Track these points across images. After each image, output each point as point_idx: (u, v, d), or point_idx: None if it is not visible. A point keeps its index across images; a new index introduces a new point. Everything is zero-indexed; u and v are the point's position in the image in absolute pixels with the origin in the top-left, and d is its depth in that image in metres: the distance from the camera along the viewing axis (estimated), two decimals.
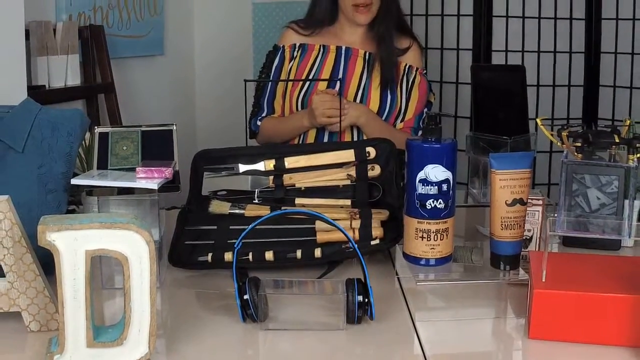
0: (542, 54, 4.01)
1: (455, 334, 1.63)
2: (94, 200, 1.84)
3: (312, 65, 2.88)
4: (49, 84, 3.16)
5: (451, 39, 4.06)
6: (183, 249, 1.95)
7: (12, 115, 1.87)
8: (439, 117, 1.87)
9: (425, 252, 1.87)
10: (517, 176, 1.85)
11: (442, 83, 4.10)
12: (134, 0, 3.84)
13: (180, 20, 4.38)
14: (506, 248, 1.86)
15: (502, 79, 2.52)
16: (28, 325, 1.56)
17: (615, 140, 1.68)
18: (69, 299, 1.38)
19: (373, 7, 2.80)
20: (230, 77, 4.17)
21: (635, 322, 1.45)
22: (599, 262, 1.68)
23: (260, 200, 2.06)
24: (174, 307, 1.73)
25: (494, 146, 2.25)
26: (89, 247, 1.38)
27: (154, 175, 1.81)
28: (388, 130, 2.73)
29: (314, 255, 1.89)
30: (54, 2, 3.28)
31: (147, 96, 4.04)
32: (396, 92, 2.84)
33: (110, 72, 3.50)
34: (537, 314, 1.52)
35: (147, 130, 2.05)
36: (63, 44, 3.21)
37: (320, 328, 1.59)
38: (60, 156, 1.88)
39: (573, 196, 1.67)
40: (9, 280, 1.55)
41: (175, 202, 2.15)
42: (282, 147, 2.40)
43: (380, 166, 2.09)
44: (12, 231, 1.52)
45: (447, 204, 1.85)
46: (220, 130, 4.27)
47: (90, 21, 3.49)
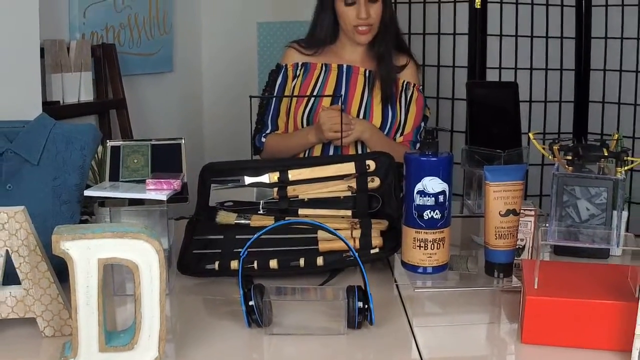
0: (534, 71, 4.01)
1: (452, 338, 1.63)
2: (106, 210, 1.84)
3: (316, 83, 2.88)
4: (63, 99, 3.16)
5: (447, 56, 4.06)
6: (191, 257, 1.95)
7: (27, 129, 1.88)
8: (436, 132, 1.87)
9: (423, 261, 1.87)
10: (510, 188, 1.86)
11: (438, 99, 4.09)
12: (144, 19, 3.85)
13: (188, 38, 4.39)
14: (500, 257, 1.87)
15: (496, 95, 2.53)
16: (43, 330, 1.56)
17: (604, 153, 1.68)
18: (82, 305, 1.39)
19: (373, 27, 2.80)
20: (236, 93, 4.18)
21: (623, 327, 1.45)
22: (589, 270, 1.67)
23: (265, 211, 2.06)
24: (183, 313, 1.73)
25: (488, 159, 2.25)
26: (101, 256, 1.38)
27: (163, 187, 1.81)
28: (390, 144, 2.74)
29: (317, 264, 1.89)
30: (68, 22, 3.29)
31: (156, 111, 4.05)
32: (396, 108, 2.85)
33: (121, 88, 3.50)
34: (530, 319, 1.52)
35: (156, 144, 2.06)
36: (76, 61, 3.22)
37: (322, 333, 1.59)
38: (73, 169, 1.88)
39: (564, 207, 1.67)
40: (24, 288, 1.55)
41: (183, 212, 2.15)
42: (286, 160, 2.40)
43: (379, 178, 2.09)
44: (28, 240, 1.53)
45: (444, 215, 1.85)
46: (226, 144, 4.29)
47: (103, 40, 3.50)
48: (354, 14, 2.77)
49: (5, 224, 1.51)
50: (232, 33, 4.50)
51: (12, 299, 1.55)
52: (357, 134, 2.70)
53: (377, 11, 2.78)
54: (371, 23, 2.78)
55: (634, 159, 1.69)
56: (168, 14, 4.06)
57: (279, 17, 4.42)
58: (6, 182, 1.82)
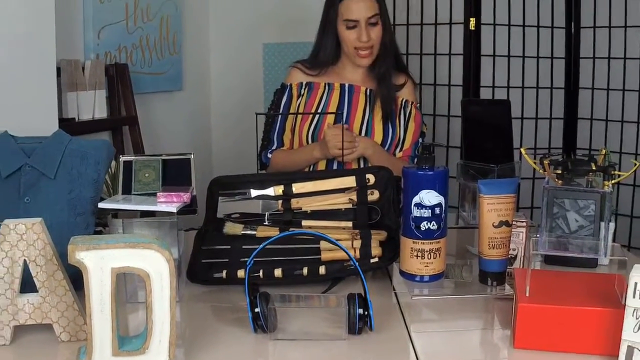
0: (525, 89, 4.02)
1: (447, 343, 1.63)
2: (119, 222, 1.85)
3: (319, 101, 2.88)
4: (78, 116, 3.16)
5: (443, 76, 4.07)
6: (200, 266, 1.95)
7: (44, 145, 1.88)
8: (432, 147, 1.87)
9: (420, 270, 1.87)
10: (503, 200, 1.86)
11: (435, 116, 4.10)
12: (155, 40, 3.85)
13: (197, 59, 4.39)
14: (493, 266, 1.87)
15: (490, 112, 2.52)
16: (59, 336, 1.56)
17: (592, 168, 1.68)
18: (96, 312, 1.39)
19: (374, 50, 2.81)
20: (243, 111, 4.18)
21: (610, 332, 1.45)
22: (578, 278, 1.68)
23: (270, 222, 2.06)
24: (192, 319, 1.73)
25: (482, 173, 2.25)
26: (114, 265, 1.38)
27: (173, 199, 1.81)
28: (391, 160, 2.75)
29: (319, 272, 1.89)
30: (82, 42, 3.29)
31: (167, 128, 4.05)
32: (395, 125, 2.85)
33: (134, 106, 3.50)
34: (522, 325, 1.52)
35: (167, 158, 2.06)
36: (91, 80, 3.22)
37: (324, 338, 1.59)
38: (88, 182, 1.88)
39: (554, 218, 1.67)
40: (41, 295, 1.55)
41: (192, 223, 2.15)
42: (290, 174, 2.40)
43: (379, 191, 2.09)
44: (45, 250, 1.53)
45: (440, 226, 1.85)
46: (233, 158, 4.29)
47: (116, 60, 3.50)
48: (355, 37, 2.78)
49: (23, 234, 1.52)
50: (239, 53, 4.51)
51: (30, 306, 1.55)
52: (361, 150, 2.71)
53: (377, 34, 2.79)
54: (371, 45, 2.79)
55: (621, 173, 1.69)
56: (178, 35, 4.07)
57: (283, 38, 4.43)
58: (24, 195, 1.82)
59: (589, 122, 3.98)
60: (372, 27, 2.78)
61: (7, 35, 2.09)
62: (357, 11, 2.77)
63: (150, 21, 3.78)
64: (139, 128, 3.54)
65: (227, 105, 4.57)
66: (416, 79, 3.11)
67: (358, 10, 2.77)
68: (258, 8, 4.43)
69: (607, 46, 3.87)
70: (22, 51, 2.14)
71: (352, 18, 2.77)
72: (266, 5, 4.40)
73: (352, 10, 2.77)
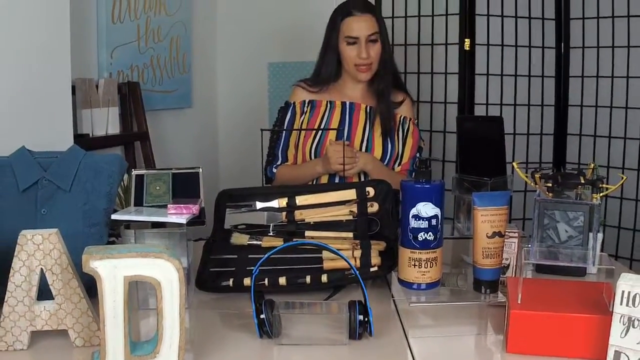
0: (518, 106, 4.02)
1: (443, 348, 1.63)
2: (131, 232, 1.84)
3: (322, 119, 2.88)
4: (92, 132, 3.17)
5: (439, 94, 4.07)
6: (208, 275, 1.95)
7: (60, 159, 1.89)
8: (429, 161, 1.87)
9: (417, 278, 1.87)
10: (496, 212, 1.86)
11: (431, 132, 4.10)
12: (165, 60, 3.86)
13: (205, 77, 4.40)
14: (487, 274, 1.87)
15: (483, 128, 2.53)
16: (74, 341, 1.57)
17: (581, 181, 1.69)
18: (110, 318, 1.39)
19: (373, 66, 2.82)
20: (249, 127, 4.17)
21: (599, 338, 1.45)
22: (567, 286, 1.68)
23: (274, 232, 2.06)
24: (201, 325, 1.73)
25: (476, 186, 2.25)
26: (126, 273, 1.38)
27: (182, 211, 1.82)
28: (390, 174, 2.75)
29: (321, 281, 1.89)
30: (96, 62, 3.30)
31: (176, 143, 4.06)
32: (394, 140, 2.86)
33: (145, 122, 3.51)
34: (514, 331, 1.52)
35: (176, 172, 2.06)
36: (104, 98, 3.23)
37: (326, 343, 1.59)
38: (102, 195, 1.88)
39: (545, 229, 1.67)
40: (57, 302, 1.55)
41: (201, 234, 2.15)
42: (294, 187, 2.40)
43: (378, 204, 2.09)
44: (61, 259, 1.53)
45: (436, 236, 1.85)
46: (240, 172, 4.28)
47: (128, 78, 3.51)
48: (355, 54, 2.79)
49: (40, 244, 1.52)
50: (245, 72, 4.52)
51: (46, 313, 1.55)
52: (361, 165, 2.72)
53: (376, 51, 2.80)
54: (370, 62, 2.80)
55: (608, 187, 1.69)
56: (187, 55, 4.08)
57: (287, 58, 4.44)
58: (41, 207, 1.83)
59: (578, 138, 3.98)
60: (372, 44, 2.79)
61: (25, 56, 2.09)
62: (357, 29, 2.79)
63: (160, 42, 3.79)
64: (150, 143, 3.55)
65: (233, 121, 4.57)
66: (414, 97, 3.11)
67: (359, 28, 2.78)
68: (263, 29, 4.44)
69: (595, 66, 3.87)
70: (40, 71, 2.15)
71: (353, 35, 2.78)
72: (271, 26, 4.41)
73: (353, 28, 2.79)
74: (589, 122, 3.94)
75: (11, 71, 2.05)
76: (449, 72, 4.03)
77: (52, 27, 2.21)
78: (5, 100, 2.03)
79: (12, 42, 2.05)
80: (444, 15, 4.01)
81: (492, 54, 3.97)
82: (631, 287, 1.37)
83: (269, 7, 4.39)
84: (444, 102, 4.06)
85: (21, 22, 2.07)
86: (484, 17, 3.93)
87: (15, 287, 1.53)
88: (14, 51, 2.06)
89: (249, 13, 4.47)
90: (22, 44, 2.08)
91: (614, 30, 3.78)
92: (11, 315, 1.54)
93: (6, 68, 2.03)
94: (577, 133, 3.99)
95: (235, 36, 4.52)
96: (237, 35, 4.52)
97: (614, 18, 3.76)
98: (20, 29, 2.07)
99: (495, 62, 3.98)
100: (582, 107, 3.95)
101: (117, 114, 3.35)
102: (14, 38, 2.05)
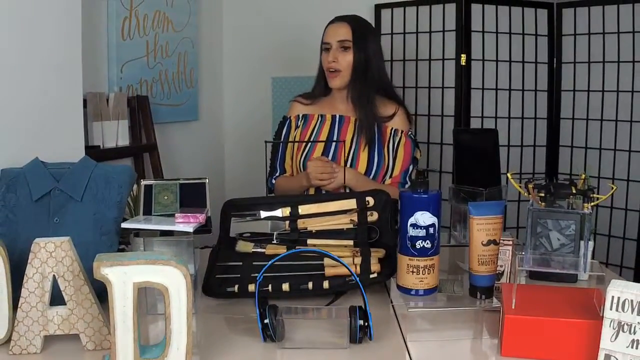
0: (512, 119, 4.03)
1: (440, 352, 1.63)
2: (140, 240, 1.85)
3: (312, 131, 2.87)
4: (103, 144, 3.17)
5: (437, 107, 4.08)
6: (214, 281, 1.96)
7: (72, 170, 1.89)
8: (427, 172, 1.88)
9: (415, 284, 1.87)
10: (491, 221, 1.86)
11: (429, 144, 4.10)
12: (173, 75, 3.87)
13: (211, 91, 4.41)
14: (482, 280, 1.87)
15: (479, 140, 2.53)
16: (85, 345, 1.57)
17: (572, 191, 1.69)
18: (120, 322, 1.39)
19: (343, 74, 2.78)
20: (253, 139, 4.18)
21: (590, 342, 1.45)
22: (560, 292, 1.68)
23: (278, 240, 2.06)
24: (207, 329, 1.73)
25: (472, 196, 2.26)
26: (136, 280, 1.39)
27: (189, 220, 1.82)
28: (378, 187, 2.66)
29: (323, 287, 1.89)
30: (107, 76, 3.31)
31: (184, 154, 4.06)
32: (383, 153, 2.80)
33: (153, 134, 3.51)
34: (508, 335, 1.52)
35: (184, 182, 2.06)
36: (114, 111, 3.23)
37: (328, 347, 1.59)
38: (112, 204, 1.89)
39: (538, 237, 1.68)
40: (69, 308, 1.56)
41: (207, 242, 2.16)
42: (296, 197, 2.40)
43: (377, 213, 2.09)
44: (72, 266, 1.54)
45: (434, 244, 1.86)
46: (245, 183, 4.29)
47: (137, 92, 3.51)
48: (326, 59, 2.80)
49: (52, 252, 1.52)
50: (250, 87, 4.52)
51: (59, 318, 1.56)
52: (340, 182, 2.65)
53: (346, 59, 2.77)
54: (338, 68, 2.78)
55: (599, 196, 1.70)
56: (194, 70, 4.09)
57: (290, 72, 4.44)
58: (53, 215, 1.83)
59: (570, 149, 3.99)
60: (343, 51, 2.77)
61: (39, 72, 2.10)
62: (329, 35, 2.80)
63: (168, 57, 3.79)
64: (159, 154, 3.55)
65: (238, 133, 4.58)
66: (411, 110, 3.09)
67: (331, 34, 2.79)
68: (267, 45, 4.45)
69: (586, 80, 3.88)
70: (52, 85, 2.16)
71: (325, 40, 2.80)
72: (274, 42, 4.42)
73: (327, 34, 2.81)
74: (580, 134, 3.94)
75: (26, 86, 2.06)
76: (445, 86, 4.03)
77: (65, 44, 2.21)
78: (20, 114, 2.03)
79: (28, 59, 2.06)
80: (441, 32, 4.02)
81: (488, 68, 3.98)
82: (620, 293, 1.38)
83: (273, 24, 4.40)
84: (441, 115, 4.06)
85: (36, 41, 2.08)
86: (480, 33, 3.94)
87: (28, 293, 1.54)
88: (29, 67, 2.07)
89: (253, 29, 4.48)
90: (35, 61, 2.09)
91: (604, 46, 3.79)
92: (25, 320, 1.54)
93: (21, 84, 2.04)
94: (568, 145, 3.99)
95: (241, 52, 4.53)
96: (242, 51, 4.53)
97: (605, 34, 3.77)
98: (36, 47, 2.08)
99: (490, 76, 3.98)
100: (573, 120, 3.96)
101: (126, 126, 3.35)
102: (30, 55, 2.06)
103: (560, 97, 4.00)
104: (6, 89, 1.99)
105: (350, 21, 2.81)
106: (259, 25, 4.47)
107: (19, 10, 2.02)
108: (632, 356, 1.38)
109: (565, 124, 4.01)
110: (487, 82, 3.98)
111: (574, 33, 3.90)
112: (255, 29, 4.48)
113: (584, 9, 3.85)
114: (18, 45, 2.02)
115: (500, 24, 3.96)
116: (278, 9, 4.40)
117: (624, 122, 3.75)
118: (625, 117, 3.74)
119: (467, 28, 3.93)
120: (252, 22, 4.48)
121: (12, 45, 2.01)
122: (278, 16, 4.38)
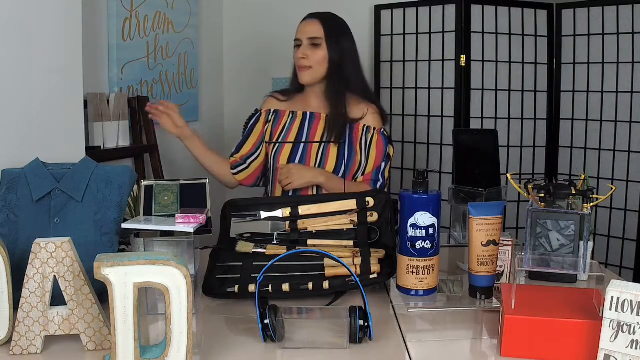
0: (511, 120, 4.03)
1: (440, 352, 1.63)
2: (140, 241, 1.85)
3: (283, 128, 2.90)
4: (104, 145, 3.17)
5: (436, 108, 4.08)
6: (214, 281, 1.96)
7: (73, 171, 1.89)
8: (426, 173, 1.88)
9: (415, 285, 1.87)
10: (491, 222, 1.86)
11: (429, 144, 4.11)
12: (174, 75, 3.87)
13: (212, 92, 4.41)
14: (482, 281, 1.87)
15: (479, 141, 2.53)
16: (85, 345, 1.57)
17: (572, 192, 1.69)
18: (120, 323, 1.39)
19: (313, 70, 2.81)
20: None
21: (589, 342, 1.45)
22: (559, 293, 1.68)
23: (278, 241, 2.06)
24: (207, 329, 1.73)
25: (471, 197, 2.26)
26: (136, 280, 1.39)
27: (190, 220, 1.82)
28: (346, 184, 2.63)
29: (323, 287, 1.89)
30: (107, 77, 3.31)
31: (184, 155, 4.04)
32: (355, 150, 2.81)
33: (154, 135, 3.51)
34: (508, 335, 1.52)
35: (184, 183, 2.06)
36: (115, 111, 3.23)
37: (328, 347, 1.59)
38: (112, 205, 1.89)
39: (537, 238, 1.67)
40: (69, 308, 1.56)
41: (207, 242, 2.16)
42: (297, 197, 2.41)
43: (377, 213, 2.09)
44: (73, 267, 1.54)
45: (433, 245, 1.85)
46: None
47: (138, 93, 3.51)
48: (296, 55, 2.83)
49: (53, 252, 1.52)
50: (250, 87, 4.52)
51: (59, 318, 1.56)
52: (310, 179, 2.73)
53: (317, 56, 2.80)
54: (308, 65, 2.81)
55: (598, 197, 1.70)
56: (195, 71, 4.09)
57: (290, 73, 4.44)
58: (54, 216, 1.83)
59: (569, 150, 3.99)
60: (314, 48, 2.80)
61: (38, 72, 2.10)
62: (300, 31, 2.84)
63: (169, 58, 3.79)
64: (159, 155, 3.55)
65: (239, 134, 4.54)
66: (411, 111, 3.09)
67: (303, 31, 2.83)
68: (267, 46, 4.45)
69: (585, 81, 3.88)
70: (52, 86, 2.16)
71: (296, 37, 2.84)
72: (275, 43, 4.42)
73: (298, 30, 2.85)
74: (579, 135, 3.95)
75: (27, 87, 2.06)
76: (445, 87, 4.03)
77: (65, 45, 2.21)
78: (21, 115, 2.03)
79: (29, 60, 2.06)
80: (440, 33, 4.02)
81: (487, 69, 3.98)
82: (620, 294, 1.37)
83: (274, 24, 4.40)
84: (440, 115, 4.06)
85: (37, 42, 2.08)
86: (479, 34, 3.94)
87: (29, 294, 1.53)
88: (30, 68, 2.07)
89: (254, 30, 4.48)
90: (37, 62, 2.09)
91: (603, 47, 3.79)
92: (25, 321, 1.54)
93: (22, 85, 2.04)
94: (568, 145, 3.99)
95: (241, 52, 4.54)
96: (243, 52, 4.53)
97: (604, 35, 3.77)
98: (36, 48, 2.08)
99: (490, 77, 3.99)
100: (573, 121, 3.96)
101: (127, 127, 3.35)
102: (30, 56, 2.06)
103: (560, 98, 4.00)
104: (7, 90, 1.99)
105: (321, 19, 2.84)
106: (259, 25, 4.47)
107: (20, 12, 2.02)
108: (632, 356, 1.38)
109: (564, 125, 4.01)
110: (486, 82, 3.98)
111: (574, 34, 3.90)
112: (256, 30, 4.49)
113: (583, 10, 3.85)
114: (19, 46, 2.02)
115: (500, 24, 3.96)
116: (278, 9, 4.40)
117: (623, 123, 3.75)
118: (624, 118, 3.74)
119: (467, 29, 3.93)
120: (252, 22, 4.49)
121: (12, 46, 2.01)
122: (278, 17, 4.38)
